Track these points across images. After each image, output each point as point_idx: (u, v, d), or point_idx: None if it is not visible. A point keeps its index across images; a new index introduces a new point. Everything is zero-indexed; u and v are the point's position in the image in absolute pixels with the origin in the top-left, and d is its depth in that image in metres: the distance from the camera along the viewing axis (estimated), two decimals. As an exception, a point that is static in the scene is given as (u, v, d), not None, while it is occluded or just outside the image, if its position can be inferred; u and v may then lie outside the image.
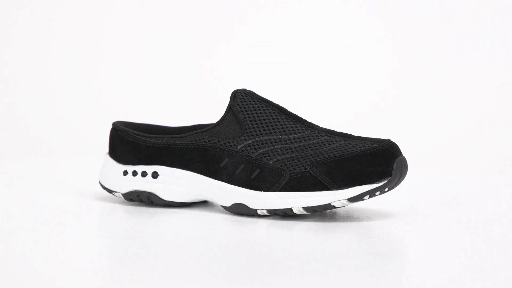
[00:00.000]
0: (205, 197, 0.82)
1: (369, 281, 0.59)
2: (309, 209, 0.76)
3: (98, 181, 0.88)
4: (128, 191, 0.84)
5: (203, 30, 1.56)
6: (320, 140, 0.79)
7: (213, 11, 1.56)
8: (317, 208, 0.76)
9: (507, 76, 1.51)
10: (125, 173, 0.85)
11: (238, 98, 0.82)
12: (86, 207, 0.85)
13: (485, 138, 1.43)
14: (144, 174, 0.84)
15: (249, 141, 0.80)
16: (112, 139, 0.86)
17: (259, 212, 0.78)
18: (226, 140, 0.80)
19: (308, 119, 0.83)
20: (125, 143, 0.85)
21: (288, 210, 0.77)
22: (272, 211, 0.78)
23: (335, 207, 0.76)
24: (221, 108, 0.89)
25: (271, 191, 0.77)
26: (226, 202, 0.80)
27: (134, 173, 0.84)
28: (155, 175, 0.83)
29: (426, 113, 1.50)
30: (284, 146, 0.79)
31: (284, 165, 0.78)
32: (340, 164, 0.76)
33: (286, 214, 0.78)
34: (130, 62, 1.55)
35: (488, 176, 1.18)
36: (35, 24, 1.54)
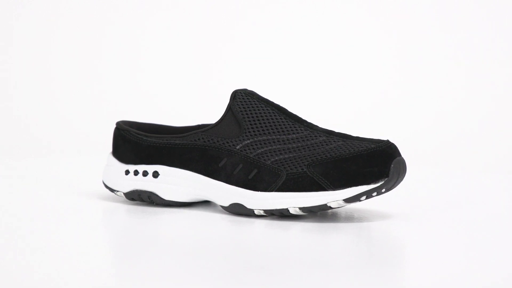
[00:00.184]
0: (205, 197, 0.82)
1: (367, 282, 0.59)
2: (305, 210, 0.76)
3: (102, 181, 0.88)
4: (130, 191, 0.85)
5: (209, 29, 1.56)
6: (319, 141, 0.79)
7: (218, 12, 1.56)
8: (313, 209, 0.76)
9: (507, 76, 1.50)
10: (127, 173, 0.85)
11: (238, 98, 0.82)
12: (87, 207, 0.86)
13: (485, 139, 1.41)
14: (145, 174, 0.84)
15: (248, 141, 0.80)
16: (115, 139, 0.87)
17: (256, 212, 0.78)
18: (225, 140, 0.80)
19: (308, 119, 0.82)
20: (127, 143, 0.85)
21: (285, 211, 0.77)
22: (269, 211, 0.77)
23: (332, 208, 0.76)
24: (225, 108, 0.89)
25: (268, 191, 0.77)
26: (225, 202, 0.80)
27: (136, 173, 0.85)
28: (156, 175, 0.84)
29: (427, 114, 1.49)
30: (282, 146, 0.79)
31: (282, 165, 0.77)
32: (337, 165, 0.75)
33: (283, 215, 0.78)
34: (133, 62, 1.55)
35: (488, 177, 1.16)
36: (36, 23, 1.54)
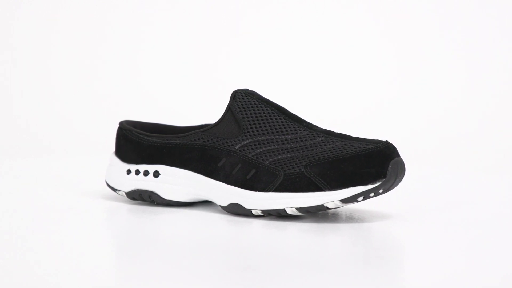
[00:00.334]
0: (204, 197, 0.83)
1: (366, 282, 0.59)
2: (302, 210, 0.76)
3: (105, 180, 0.89)
4: (131, 190, 0.85)
5: (211, 29, 1.56)
6: (317, 141, 0.78)
7: (220, 12, 1.56)
8: (310, 209, 0.76)
9: (507, 77, 1.48)
10: (129, 172, 0.85)
11: (238, 98, 0.82)
12: (88, 207, 0.86)
13: (485, 139, 1.40)
14: (146, 173, 0.84)
15: (247, 141, 0.80)
16: (118, 138, 0.87)
17: (254, 212, 0.78)
18: (224, 140, 0.80)
19: (308, 119, 0.82)
20: (129, 142, 0.86)
21: (282, 211, 0.77)
22: (266, 211, 0.77)
23: (328, 208, 0.75)
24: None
25: (266, 191, 0.77)
26: (223, 202, 0.80)
27: (137, 172, 0.85)
28: (157, 174, 0.84)
29: (426, 114, 1.48)
30: (281, 147, 0.79)
31: (279, 166, 0.77)
32: (334, 165, 0.75)
33: (280, 215, 0.77)
34: (134, 62, 1.56)
35: (488, 177, 1.15)
36: (37, 24, 1.55)
